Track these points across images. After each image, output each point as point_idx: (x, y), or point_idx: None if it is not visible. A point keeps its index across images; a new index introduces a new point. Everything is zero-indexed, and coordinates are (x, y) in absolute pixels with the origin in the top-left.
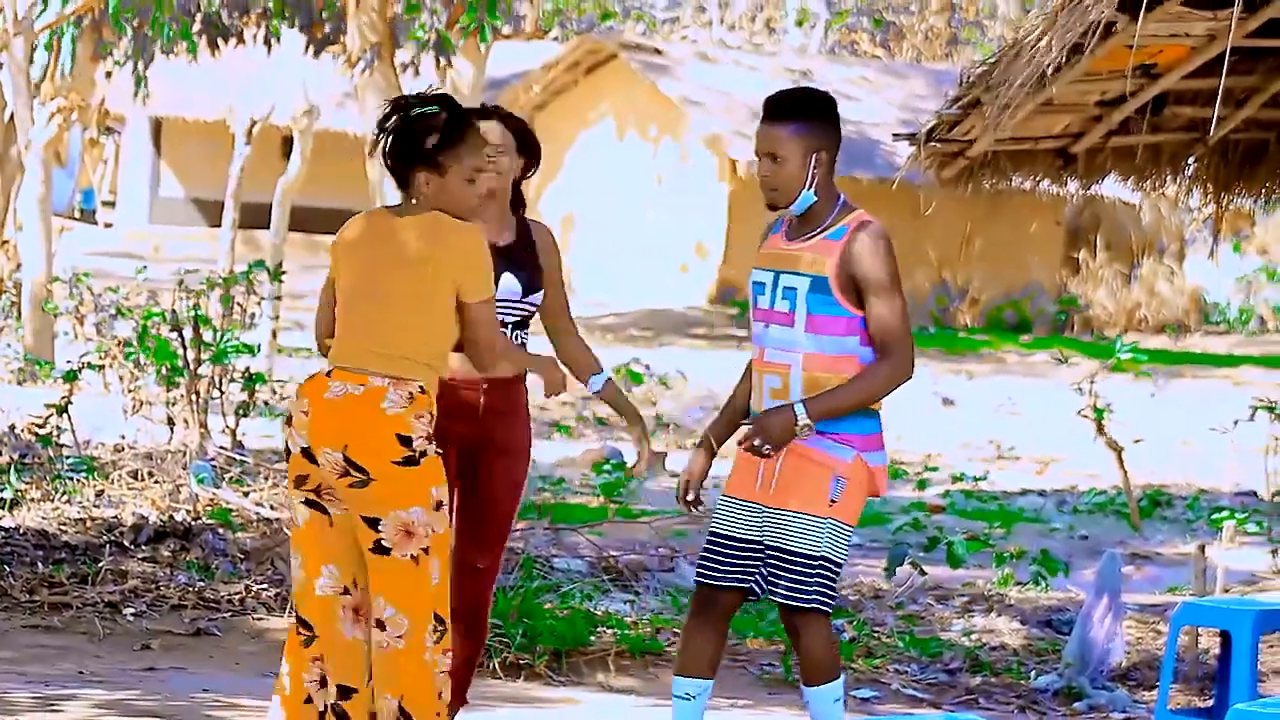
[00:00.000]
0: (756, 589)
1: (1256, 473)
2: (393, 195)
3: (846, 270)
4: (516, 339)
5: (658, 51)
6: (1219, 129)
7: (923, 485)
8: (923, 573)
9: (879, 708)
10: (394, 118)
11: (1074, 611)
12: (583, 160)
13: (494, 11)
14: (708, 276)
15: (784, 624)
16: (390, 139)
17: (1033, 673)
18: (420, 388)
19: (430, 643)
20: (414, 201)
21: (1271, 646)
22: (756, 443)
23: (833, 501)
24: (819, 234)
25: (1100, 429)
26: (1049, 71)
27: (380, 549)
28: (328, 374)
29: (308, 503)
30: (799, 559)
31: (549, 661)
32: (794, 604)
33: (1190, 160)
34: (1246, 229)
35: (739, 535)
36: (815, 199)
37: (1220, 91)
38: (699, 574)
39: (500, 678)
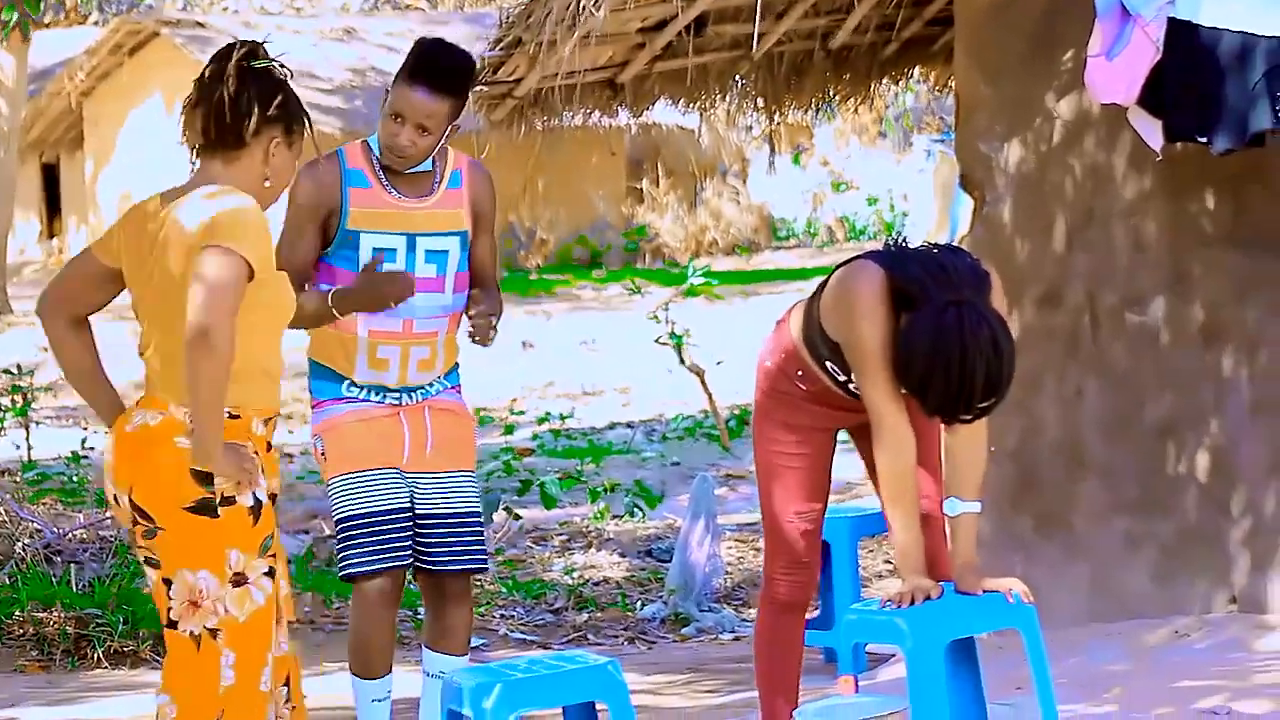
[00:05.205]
0: (405, 561)
1: None
2: None
3: (474, 214)
4: None
5: (200, 25)
6: (762, 44)
7: (510, 430)
8: (518, 517)
9: (489, 654)
10: (234, 62)
11: (673, 539)
12: (135, 139)
13: (36, 6)
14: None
15: (446, 591)
16: (230, 87)
17: (639, 603)
18: (230, 413)
19: None
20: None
21: (870, 551)
22: None
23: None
24: (439, 186)
25: (680, 355)
26: (588, 4)
27: (170, 621)
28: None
29: (147, 561)
30: (473, 520)
31: (153, 646)
32: (476, 567)
33: (738, 78)
34: (805, 142)
35: (391, 508)
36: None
37: (759, 6)
38: (361, 565)
39: (106, 666)
